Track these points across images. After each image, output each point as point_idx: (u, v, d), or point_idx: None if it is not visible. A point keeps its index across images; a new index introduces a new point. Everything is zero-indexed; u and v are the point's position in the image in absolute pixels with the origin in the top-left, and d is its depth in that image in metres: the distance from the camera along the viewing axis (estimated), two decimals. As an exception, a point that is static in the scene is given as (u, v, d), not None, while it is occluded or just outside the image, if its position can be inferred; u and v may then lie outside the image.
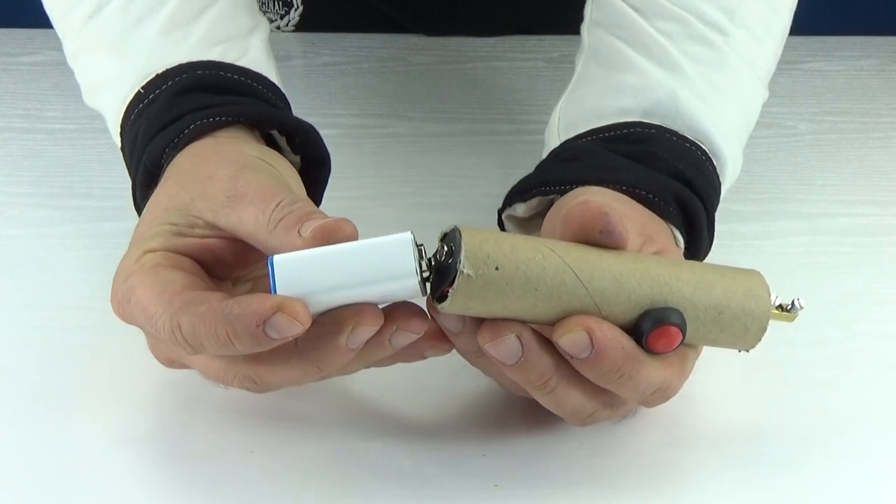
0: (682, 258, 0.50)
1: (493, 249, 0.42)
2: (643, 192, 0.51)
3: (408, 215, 0.68)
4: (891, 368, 0.54)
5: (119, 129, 0.56)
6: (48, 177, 0.71)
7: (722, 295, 0.45)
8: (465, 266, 0.41)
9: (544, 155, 0.58)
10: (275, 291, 0.41)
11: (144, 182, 0.52)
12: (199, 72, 0.55)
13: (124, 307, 0.45)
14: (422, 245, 0.42)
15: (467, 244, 0.41)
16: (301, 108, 0.83)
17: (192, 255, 0.46)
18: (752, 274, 0.46)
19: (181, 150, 0.51)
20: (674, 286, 0.44)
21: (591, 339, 0.42)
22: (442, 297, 0.42)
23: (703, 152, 0.55)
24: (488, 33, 0.96)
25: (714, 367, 0.51)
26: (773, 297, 0.46)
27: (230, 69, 0.56)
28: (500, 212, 0.56)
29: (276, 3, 0.97)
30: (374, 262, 0.41)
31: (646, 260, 0.45)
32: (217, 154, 0.50)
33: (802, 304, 0.46)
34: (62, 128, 0.79)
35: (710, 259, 0.61)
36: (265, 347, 0.41)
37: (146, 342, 0.48)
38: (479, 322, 0.43)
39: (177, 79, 0.54)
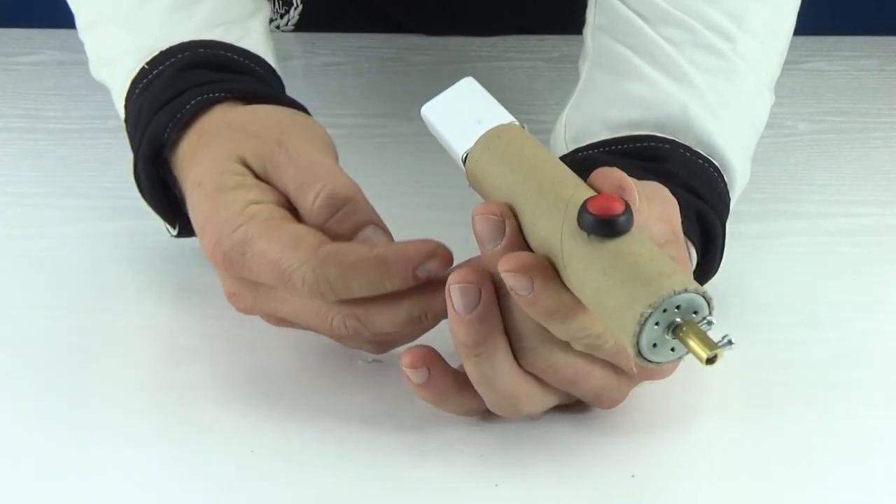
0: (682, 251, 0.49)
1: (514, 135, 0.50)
2: None
3: (408, 215, 0.67)
4: (890, 368, 0.54)
5: (124, 102, 0.59)
6: (48, 177, 0.71)
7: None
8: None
9: None
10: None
11: (148, 153, 0.55)
12: (200, 50, 0.58)
13: (237, 260, 0.48)
14: None
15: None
16: (301, 108, 0.83)
17: (283, 206, 0.50)
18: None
19: (186, 126, 0.54)
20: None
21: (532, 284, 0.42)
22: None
23: (715, 168, 0.55)
24: (488, 33, 0.96)
25: (713, 367, 0.51)
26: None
27: (230, 49, 0.59)
28: None
29: (276, 2, 0.97)
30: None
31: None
32: (288, 116, 0.54)
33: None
34: (62, 128, 0.79)
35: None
36: (413, 284, 0.47)
37: (224, 291, 0.51)
38: (449, 371, 0.46)
39: (179, 56, 0.57)
